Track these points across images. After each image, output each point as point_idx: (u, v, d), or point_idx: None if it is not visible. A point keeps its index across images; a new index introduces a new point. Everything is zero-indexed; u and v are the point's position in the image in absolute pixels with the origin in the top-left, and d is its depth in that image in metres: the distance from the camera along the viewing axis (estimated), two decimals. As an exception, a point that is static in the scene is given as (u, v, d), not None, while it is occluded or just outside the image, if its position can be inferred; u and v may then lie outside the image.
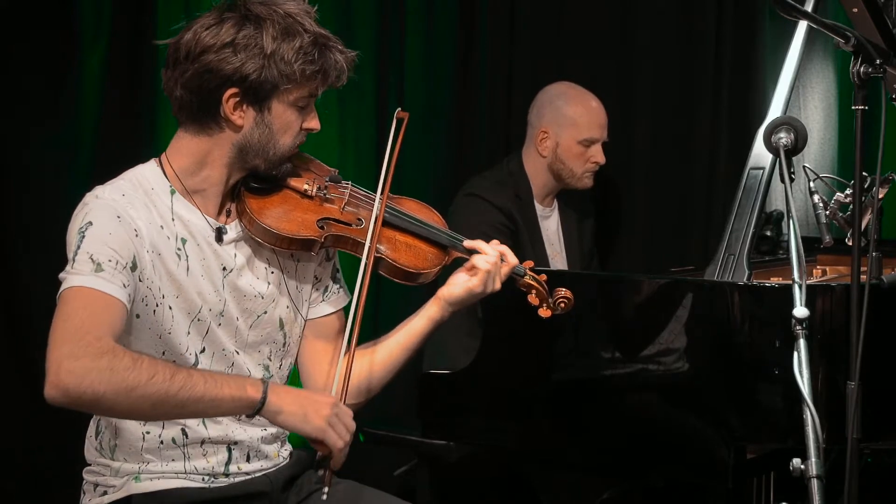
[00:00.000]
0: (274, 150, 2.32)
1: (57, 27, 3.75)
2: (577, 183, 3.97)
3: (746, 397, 2.78)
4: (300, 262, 2.46)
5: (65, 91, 3.78)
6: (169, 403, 2.09)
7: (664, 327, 2.87)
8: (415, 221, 2.48)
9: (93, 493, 2.38)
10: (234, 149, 2.31)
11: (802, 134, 2.45)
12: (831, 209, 2.72)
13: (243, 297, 2.37)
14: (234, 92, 2.25)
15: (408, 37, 4.44)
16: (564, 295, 2.55)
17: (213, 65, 2.24)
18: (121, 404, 2.06)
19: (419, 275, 2.45)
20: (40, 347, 3.86)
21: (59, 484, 3.69)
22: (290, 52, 2.25)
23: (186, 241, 2.30)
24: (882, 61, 2.38)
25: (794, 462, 2.18)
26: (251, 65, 2.24)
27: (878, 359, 2.62)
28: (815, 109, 4.21)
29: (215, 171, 2.32)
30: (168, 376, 2.08)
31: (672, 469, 2.95)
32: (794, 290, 2.27)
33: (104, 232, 2.19)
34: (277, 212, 2.34)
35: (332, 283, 2.52)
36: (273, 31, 2.25)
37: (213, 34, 2.24)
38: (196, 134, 2.31)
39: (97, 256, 2.16)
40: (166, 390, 2.07)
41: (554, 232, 4.03)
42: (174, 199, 2.31)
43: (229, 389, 2.13)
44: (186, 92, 2.27)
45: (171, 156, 2.34)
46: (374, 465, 3.89)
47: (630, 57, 4.37)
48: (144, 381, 2.06)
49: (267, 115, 2.29)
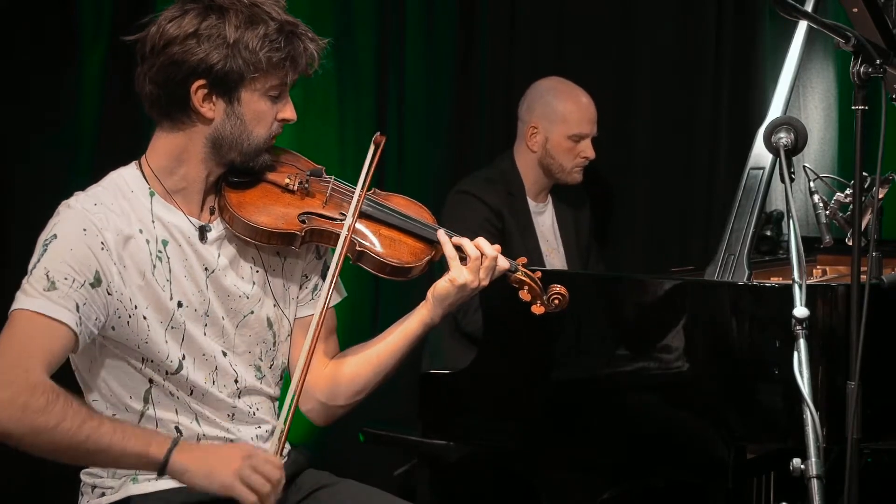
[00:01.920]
0: (248, 142, 2.30)
1: (57, 27, 3.74)
2: (567, 178, 3.96)
3: (746, 397, 2.78)
4: (286, 259, 2.45)
5: (65, 91, 3.77)
6: (77, 450, 2.11)
7: (664, 327, 2.87)
8: (398, 215, 2.45)
9: (91, 495, 2.37)
10: (207, 142, 2.29)
11: (802, 134, 2.45)
12: (831, 209, 2.72)
13: (227, 296, 2.36)
14: (202, 83, 2.24)
15: (408, 37, 4.44)
16: (558, 292, 2.52)
17: (177, 56, 2.22)
18: (29, 444, 2.09)
19: (403, 268, 2.41)
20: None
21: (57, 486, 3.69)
22: (255, 40, 2.23)
23: (168, 244, 2.29)
24: (882, 61, 2.38)
25: (794, 462, 2.18)
26: (215, 54, 2.22)
27: (878, 359, 2.62)
28: (815, 109, 4.21)
29: (192, 168, 2.31)
30: (77, 424, 2.09)
31: (672, 469, 2.95)
32: (794, 290, 2.27)
33: (65, 248, 2.19)
34: (258, 206, 2.32)
35: (321, 281, 2.49)
36: (236, 20, 2.23)
37: (176, 25, 2.23)
38: (170, 131, 2.30)
39: (53, 274, 2.17)
40: (72, 437, 2.09)
41: (549, 228, 4.03)
42: (154, 201, 2.30)
43: (134, 445, 2.13)
44: (155, 86, 2.26)
45: (149, 157, 2.33)
46: (373, 465, 3.90)
47: (630, 57, 4.37)
48: (52, 425, 2.08)
49: (237, 106, 2.27)
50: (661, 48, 4.31)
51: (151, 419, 2.32)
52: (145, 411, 2.32)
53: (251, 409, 2.42)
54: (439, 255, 2.46)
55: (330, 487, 2.47)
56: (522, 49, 4.51)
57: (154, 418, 2.32)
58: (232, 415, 2.39)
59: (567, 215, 4.07)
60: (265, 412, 2.45)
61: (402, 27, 4.41)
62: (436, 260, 2.47)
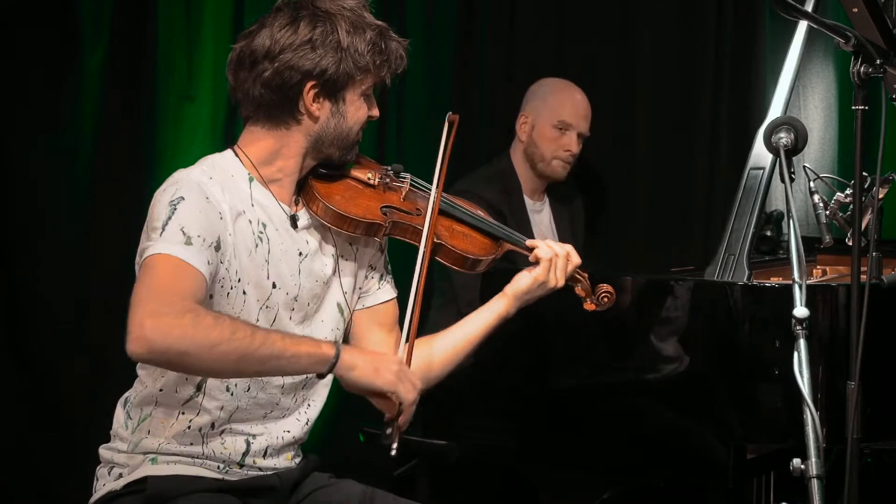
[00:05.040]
0: (347, 139, 2.44)
1: (57, 27, 3.74)
2: (548, 169, 3.95)
3: (746, 397, 2.78)
4: (358, 250, 2.54)
5: (65, 91, 3.77)
6: (250, 359, 2.17)
7: (664, 327, 2.87)
8: (469, 213, 2.60)
9: (107, 478, 2.39)
10: (310, 140, 2.41)
11: (802, 134, 2.45)
12: (831, 209, 2.72)
13: (315, 282, 2.45)
14: (313, 85, 2.37)
15: (408, 37, 4.43)
16: (607, 290, 2.61)
17: (293, 62, 2.35)
18: (204, 360, 2.14)
19: (475, 261, 2.54)
20: (40, 348, 3.87)
21: (58, 482, 3.69)
22: (363, 45, 2.38)
23: (266, 226, 2.39)
24: (882, 61, 2.38)
25: (794, 462, 2.18)
26: (329, 59, 2.36)
27: (878, 359, 2.62)
28: (815, 109, 4.21)
29: (290, 161, 2.42)
30: (248, 333, 2.17)
31: (672, 469, 2.95)
32: (794, 290, 2.27)
33: (196, 209, 2.27)
34: (345, 197, 2.46)
35: (385, 273, 2.61)
36: (346, 26, 2.38)
37: (290, 33, 2.36)
38: (270, 129, 2.41)
39: (188, 230, 2.24)
40: (247, 346, 2.15)
41: (547, 226, 4.03)
42: (252, 186, 2.39)
43: (306, 347, 2.23)
44: (267, 90, 2.37)
45: (245, 148, 2.43)
46: (374, 465, 3.90)
47: (630, 57, 4.37)
48: (227, 337, 2.14)
49: (342, 106, 2.41)
50: (661, 48, 4.31)
51: (195, 407, 2.36)
52: (193, 397, 2.35)
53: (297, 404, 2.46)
54: (502, 253, 2.60)
55: (330, 487, 2.49)
56: (522, 49, 4.51)
57: (199, 407, 2.36)
58: (269, 412, 2.42)
59: (564, 214, 4.07)
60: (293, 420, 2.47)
61: (402, 27, 4.41)
62: (499, 257, 2.60)
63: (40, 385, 3.76)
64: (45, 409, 3.76)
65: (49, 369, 3.75)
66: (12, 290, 3.71)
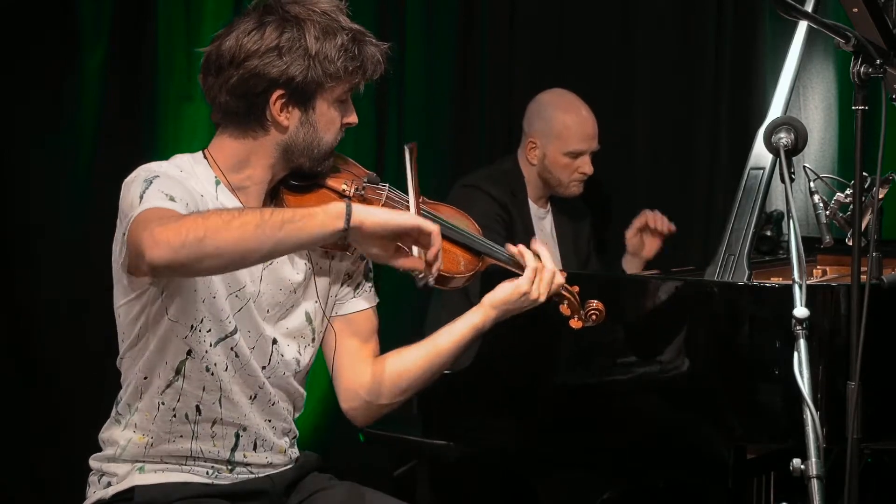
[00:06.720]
0: (318, 148, 2.35)
1: (57, 27, 3.75)
2: (565, 191, 3.98)
3: (746, 397, 2.78)
4: (333, 260, 2.47)
5: (65, 91, 3.78)
6: (266, 226, 2.08)
7: (664, 327, 2.87)
8: (449, 226, 2.46)
9: (97, 486, 2.38)
10: (278, 149, 2.34)
11: (802, 134, 2.45)
12: (831, 209, 2.72)
13: (279, 290, 2.39)
14: (280, 94, 2.29)
15: (408, 37, 4.44)
16: (596, 307, 2.52)
17: (258, 69, 2.27)
18: (223, 237, 2.06)
19: (450, 279, 2.41)
20: (41, 348, 3.88)
21: (58, 483, 3.70)
22: (333, 51, 2.29)
23: None
24: (882, 61, 2.38)
25: (794, 462, 2.18)
26: (297, 66, 2.27)
27: (878, 359, 2.62)
28: (815, 109, 4.21)
29: (259, 170, 2.36)
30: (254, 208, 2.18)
31: (672, 469, 2.95)
32: (794, 290, 2.27)
33: (172, 182, 2.23)
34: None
35: (364, 281, 2.52)
36: (315, 32, 2.28)
37: (255, 39, 2.27)
38: (238, 137, 2.34)
39: (169, 192, 2.19)
40: (259, 215, 2.10)
41: (548, 233, 4.04)
42: (218, 189, 2.34)
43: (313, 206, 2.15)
44: (233, 97, 2.30)
45: (214, 153, 2.37)
46: (374, 465, 3.90)
47: (630, 57, 4.37)
48: (236, 214, 2.10)
49: (311, 114, 2.33)
50: (661, 48, 4.31)
51: (176, 392, 2.33)
52: (174, 382, 2.32)
53: (271, 399, 2.42)
54: (486, 267, 2.48)
55: (329, 490, 2.48)
56: (522, 49, 4.51)
57: (179, 391, 2.32)
58: (254, 396, 2.39)
59: (566, 224, 4.08)
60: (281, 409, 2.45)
61: (402, 27, 4.41)
62: (482, 271, 2.48)
63: (40, 386, 3.76)
64: (45, 409, 3.76)
65: (49, 370, 3.75)
66: (13, 290, 3.72)
